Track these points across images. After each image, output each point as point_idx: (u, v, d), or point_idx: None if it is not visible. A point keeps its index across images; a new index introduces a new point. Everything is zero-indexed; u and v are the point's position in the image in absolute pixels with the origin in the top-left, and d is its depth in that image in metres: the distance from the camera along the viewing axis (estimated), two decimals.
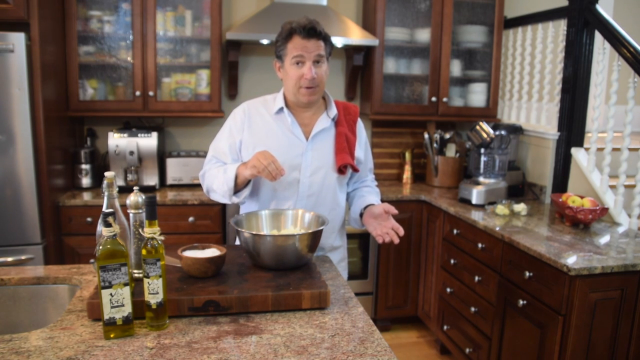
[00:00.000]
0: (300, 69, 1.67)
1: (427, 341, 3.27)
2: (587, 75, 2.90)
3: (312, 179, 1.76)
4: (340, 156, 1.77)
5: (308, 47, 1.65)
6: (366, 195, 1.89)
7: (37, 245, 2.63)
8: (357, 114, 1.88)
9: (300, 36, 1.65)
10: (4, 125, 2.51)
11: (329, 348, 1.18)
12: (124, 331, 1.21)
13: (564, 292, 2.00)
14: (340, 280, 1.60)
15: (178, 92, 3.19)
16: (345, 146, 1.78)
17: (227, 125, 1.83)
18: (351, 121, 1.85)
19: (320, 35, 1.67)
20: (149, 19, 3.01)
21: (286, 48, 1.68)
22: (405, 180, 3.67)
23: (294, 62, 1.67)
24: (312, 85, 1.68)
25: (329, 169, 1.78)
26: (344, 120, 1.83)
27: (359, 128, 1.88)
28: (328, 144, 1.79)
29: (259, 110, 1.80)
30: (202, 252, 1.46)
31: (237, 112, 1.82)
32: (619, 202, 2.62)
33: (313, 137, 1.77)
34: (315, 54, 1.66)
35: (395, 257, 3.27)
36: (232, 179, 1.66)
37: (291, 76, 1.69)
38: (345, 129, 1.81)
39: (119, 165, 3.05)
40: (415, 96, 3.64)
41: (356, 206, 1.87)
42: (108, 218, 1.16)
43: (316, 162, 1.76)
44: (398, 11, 3.49)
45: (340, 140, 1.79)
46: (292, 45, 1.66)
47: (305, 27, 1.64)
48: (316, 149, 1.77)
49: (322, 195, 1.79)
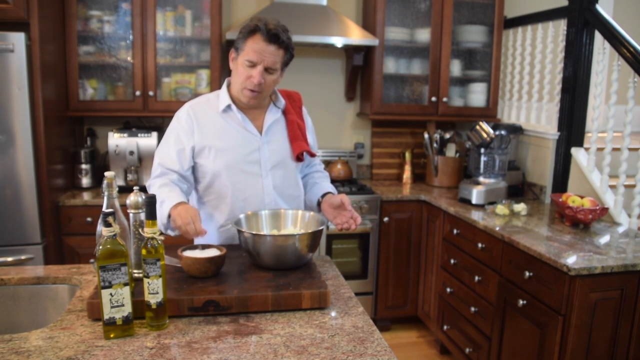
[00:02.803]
0: (251, 70, 1.64)
1: (427, 341, 3.27)
2: (587, 75, 2.90)
3: (274, 173, 1.77)
4: (296, 144, 1.78)
5: (264, 52, 1.61)
6: (319, 182, 1.91)
7: (37, 245, 2.63)
8: (301, 100, 1.89)
9: (262, 37, 1.61)
10: (4, 125, 2.51)
11: (329, 348, 1.18)
12: (124, 331, 1.21)
13: (563, 292, 2.00)
14: (340, 280, 1.60)
15: (178, 92, 3.19)
16: (299, 133, 1.80)
17: (173, 130, 1.75)
18: (297, 107, 1.86)
19: (282, 43, 1.63)
20: (149, 19, 3.01)
21: (245, 44, 1.64)
22: (405, 180, 3.67)
23: (246, 64, 1.64)
24: (257, 90, 1.66)
25: (287, 159, 1.79)
26: (291, 108, 1.83)
27: (305, 114, 1.90)
28: (282, 134, 1.80)
29: (205, 110, 1.75)
30: (202, 252, 1.47)
31: (181, 116, 1.75)
32: (619, 202, 2.61)
33: (266, 130, 1.77)
34: (267, 63, 1.62)
35: (395, 257, 3.27)
36: (165, 216, 1.55)
37: (240, 74, 1.67)
38: (294, 117, 1.82)
39: (119, 165, 3.05)
40: (415, 96, 3.64)
41: (312, 194, 1.88)
42: (108, 218, 1.16)
43: (274, 154, 1.77)
44: (398, 11, 3.49)
45: (293, 128, 1.80)
46: (251, 45, 1.62)
47: (270, 31, 1.60)
48: (272, 142, 1.78)
49: (285, 186, 1.80)
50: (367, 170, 3.83)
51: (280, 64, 1.68)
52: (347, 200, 1.69)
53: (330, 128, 3.75)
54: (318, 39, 3.14)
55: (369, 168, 3.83)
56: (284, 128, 1.81)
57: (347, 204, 1.68)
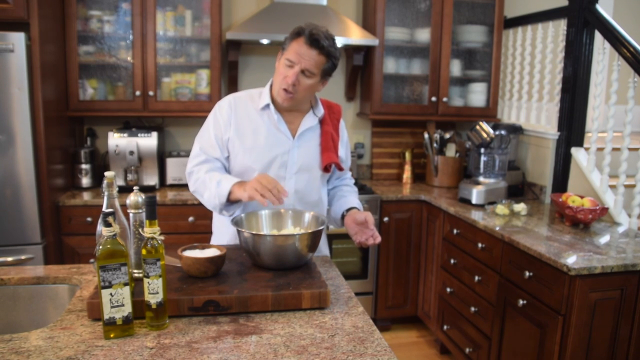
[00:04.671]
0: (288, 70, 1.65)
1: (427, 341, 3.27)
2: (587, 75, 2.90)
3: (298, 177, 1.77)
4: (326, 155, 1.78)
5: (304, 55, 1.63)
6: (347, 196, 1.90)
7: (37, 245, 2.63)
8: (340, 113, 1.89)
9: (304, 40, 1.63)
10: (4, 125, 2.51)
11: (328, 348, 1.18)
12: (124, 331, 1.21)
13: (563, 292, 2.00)
14: (340, 280, 1.60)
15: (178, 92, 3.19)
16: (331, 145, 1.79)
17: (213, 117, 1.78)
18: (335, 120, 1.86)
19: (323, 49, 1.63)
20: (149, 19, 3.01)
21: (290, 45, 1.67)
22: (405, 180, 3.67)
23: (286, 64, 1.66)
24: (291, 90, 1.66)
25: (314, 167, 1.79)
26: (328, 119, 1.83)
27: (341, 127, 1.90)
28: (314, 142, 1.80)
29: (246, 105, 1.77)
30: (202, 252, 1.46)
31: (224, 106, 1.78)
32: (619, 202, 2.62)
33: (300, 135, 1.77)
34: (305, 66, 1.63)
35: (395, 257, 3.27)
36: (224, 195, 1.61)
37: (279, 73, 1.69)
38: (330, 128, 1.82)
39: (119, 165, 3.05)
40: (415, 96, 3.64)
41: (337, 207, 1.87)
42: (108, 218, 1.16)
43: (302, 160, 1.77)
44: (398, 11, 3.49)
45: (327, 138, 1.79)
46: (294, 46, 1.65)
47: (312, 35, 1.61)
48: (302, 147, 1.78)
49: (307, 192, 1.79)
50: (367, 170, 3.83)
51: (319, 70, 1.66)
52: (371, 219, 1.68)
53: None
54: None
55: (369, 168, 3.83)
56: (318, 137, 1.81)
57: (370, 223, 1.67)
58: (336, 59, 1.69)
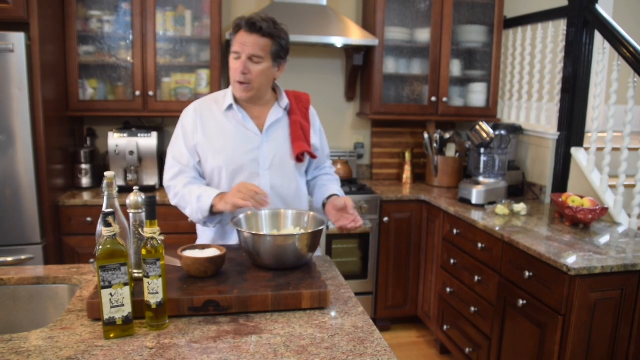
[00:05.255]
0: (237, 62, 1.67)
1: (427, 341, 3.27)
2: (587, 75, 2.90)
3: (272, 172, 1.77)
4: (297, 144, 1.78)
5: (246, 43, 1.64)
6: (327, 184, 1.90)
7: (37, 245, 2.63)
8: (308, 101, 1.89)
9: (243, 30, 1.65)
10: (4, 125, 2.51)
11: (328, 348, 1.18)
12: (124, 331, 1.21)
13: (563, 292, 2.00)
14: (340, 280, 1.60)
15: (178, 92, 3.19)
16: (301, 134, 1.79)
17: (180, 125, 1.80)
18: (304, 109, 1.85)
19: (262, 30, 1.63)
20: (149, 19, 3.01)
21: (233, 40, 1.68)
22: (405, 180, 3.67)
23: (233, 56, 1.68)
24: (244, 81, 1.67)
25: (287, 159, 1.79)
26: (296, 108, 1.83)
27: (312, 115, 1.89)
28: (283, 134, 1.80)
29: (210, 109, 1.79)
30: (202, 252, 1.46)
31: (189, 113, 1.79)
32: (619, 202, 2.62)
33: (267, 129, 1.77)
34: (249, 52, 1.64)
35: (395, 257, 3.27)
36: (206, 209, 1.64)
37: (230, 68, 1.70)
38: (299, 117, 1.81)
39: (119, 165, 3.05)
40: (415, 96, 3.64)
41: (318, 196, 1.88)
42: (108, 218, 1.16)
43: (273, 153, 1.77)
44: (398, 11, 3.49)
45: (295, 128, 1.79)
46: (236, 39, 1.67)
47: (248, 21, 1.64)
48: (272, 141, 1.78)
49: (284, 186, 1.79)
50: (367, 170, 3.83)
51: (267, 53, 1.67)
52: (351, 203, 1.69)
53: (330, 128, 3.75)
54: (318, 39, 3.14)
55: (369, 168, 3.83)
56: (286, 128, 1.81)
57: (350, 207, 1.68)
58: (281, 39, 1.69)
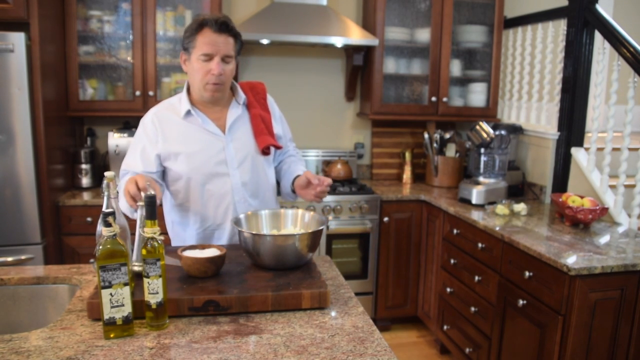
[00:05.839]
0: (208, 64, 1.64)
1: (427, 341, 3.27)
2: (587, 75, 2.90)
3: (241, 170, 1.76)
4: (260, 139, 1.77)
5: (218, 43, 1.63)
6: (291, 167, 1.90)
7: (37, 245, 2.63)
8: (264, 90, 1.87)
9: (211, 30, 1.62)
10: (4, 125, 2.51)
11: (328, 348, 1.18)
12: (124, 331, 1.21)
13: (563, 292, 2.00)
14: (340, 280, 1.60)
15: (178, 92, 3.18)
16: (263, 127, 1.79)
17: (138, 138, 1.75)
18: (261, 99, 1.84)
19: (231, 30, 1.65)
20: (149, 19, 3.01)
21: (195, 40, 1.64)
22: (405, 180, 3.67)
23: (202, 59, 1.64)
24: (219, 82, 1.66)
25: (254, 154, 1.79)
26: (254, 101, 1.82)
27: (270, 104, 1.88)
28: (246, 130, 1.79)
29: (168, 116, 1.74)
30: (202, 252, 1.47)
31: (147, 124, 1.75)
32: (619, 202, 2.61)
33: (229, 128, 1.76)
34: (224, 51, 1.64)
35: (395, 257, 3.27)
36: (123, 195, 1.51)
37: (197, 70, 1.66)
38: (258, 110, 1.81)
39: (119, 165, 3.05)
40: (415, 96, 3.64)
41: (285, 181, 1.89)
42: (108, 218, 1.16)
43: (240, 152, 1.76)
44: (398, 11, 3.49)
45: (257, 122, 1.79)
46: (202, 39, 1.63)
47: (217, 21, 1.62)
48: (236, 139, 1.77)
49: (255, 182, 1.79)
50: (367, 170, 3.83)
51: (234, 52, 1.69)
52: (311, 174, 1.69)
53: (330, 128, 3.75)
54: (318, 39, 3.14)
55: (369, 168, 3.83)
56: (248, 123, 1.80)
57: (313, 178, 1.67)
58: (240, 36, 1.71)
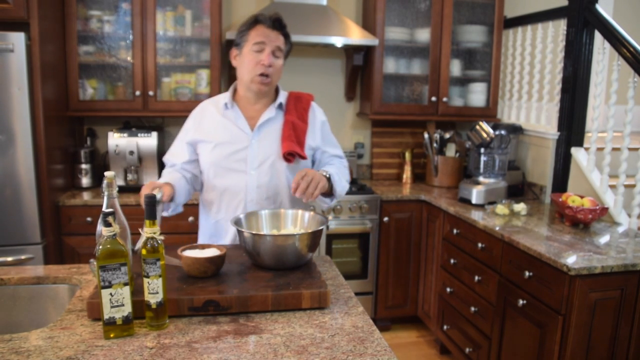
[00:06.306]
0: (259, 55, 1.68)
1: (427, 341, 3.27)
2: (587, 75, 2.90)
3: (260, 171, 1.76)
4: (285, 144, 1.74)
5: (270, 36, 1.68)
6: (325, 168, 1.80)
7: (37, 245, 2.63)
8: (308, 102, 1.87)
9: (264, 25, 1.67)
10: (4, 125, 2.51)
11: (328, 348, 1.18)
12: (124, 331, 1.21)
13: (563, 291, 2.00)
14: (340, 280, 1.60)
15: (178, 92, 3.19)
16: (292, 134, 1.76)
17: (183, 128, 1.87)
18: (302, 109, 1.83)
19: (284, 29, 1.71)
20: (149, 19, 3.01)
21: (248, 35, 1.69)
22: (405, 180, 3.67)
23: (254, 49, 1.68)
24: (268, 73, 1.69)
25: (275, 159, 1.76)
26: (293, 108, 1.82)
27: (312, 115, 1.86)
28: (274, 133, 1.78)
29: (210, 108, 1.82)
30: (202, 252, 1.46)
31: (191, 115, 1.86)
32: (619, 202, 2.62)
33: (258, 128, 1.77)
34: (275, 45, 1.68)
35: (395, 257, 3.27)
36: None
37: (248, 61, 1.69)
38: (293, 117, 1.80)
39: (119, 165, 3.05)
40: (415, 96, 3.64)
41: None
42: (108, 218, 1.16)
43: (262, 153, 1.76)
44: (398, 11, 3.49)
45: (287, 128, 1.77)
46: (255, 33, 1.68)
47: (271, 18, 1.68)
48: (262, 140, 1.77)
49: (273, 185, 1.77)
50: (367, 170, 3.83)
51: (284, 51, 1.73)
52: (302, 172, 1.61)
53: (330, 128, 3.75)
54: (318, 39, 3.14)
55: (369, 168, 3.83)
56: (279, 128, 1.79)
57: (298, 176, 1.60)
58: (290, 38, 1.76)
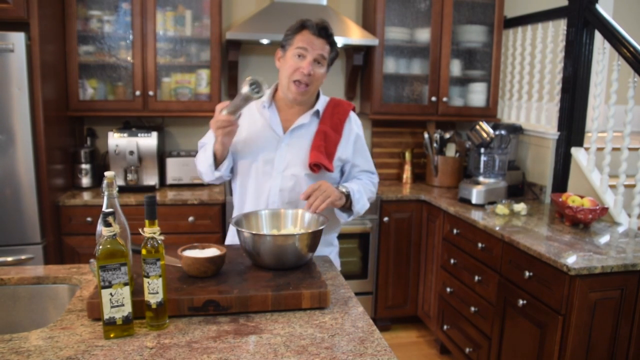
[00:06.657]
0: (300, 61, 1.66)
1: (427, 341, 3.27)
2: (587, 75, 2.91)
3: (285, 176, 1.74)
4: (313, 154, 1.71)
5: (314, 44, 1.65)
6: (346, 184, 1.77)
7: (37, 245, 2.63)
8: (346, 112, 1.81)
9: (310, 31, 1.66)
10: (4, 125, 2.51)
11: (328, 348, 1.18)
12: (124, 331, 1.21)
13: (563, 291, 2.00)
14: (340, 280, 1.60)
15: (178, 92, 3.19)
16: (322, 144, 1.72)
17: None
18: (337, 119, 1.78)
19: (330, 37, 1.68)
20: (149, 19, 3.01)
21: (293, 39, 1.67)
22: (405, 180, 3.67)
23: (296, 54, 1.66)
24: (306, 81, 1.66)
25: (302, 166, 1.74)
26: (328, 117, 1.77)
27: (348, 127, 1.81)
28: (305, 140, 1.75)
29: (253, 106, 1.80)
30: (202, 252, 1.46)
31: None
32: (619, 202, 2.62)
33: (290, 132, 1.75)
34: (318, 53, 1.66)
35: (395, 257, 3.27)
36: (210, 155, 1.69)
37: (289, 66, 1.67)
38: (326, 127, 1.75)
39: (119, 165, 3.05)
40: (415, 96, 3.64)
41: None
42: (108, 218, 1.16)
43: (290, 158, 1.74)
44: (398, 11, 3.49)
45: (318, 137, 1.73)
46: (300, 38, 1.66)
47: (318, 25, 1.66)
48: (292, 144, 1.75)
49: (296, 192, 1.74)
50: None
51: (328, 59, 1.71)
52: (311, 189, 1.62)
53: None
54: None
55: None
56: (311, 135, 1.75)
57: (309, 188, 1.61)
58: (336, 46, 1.74)
